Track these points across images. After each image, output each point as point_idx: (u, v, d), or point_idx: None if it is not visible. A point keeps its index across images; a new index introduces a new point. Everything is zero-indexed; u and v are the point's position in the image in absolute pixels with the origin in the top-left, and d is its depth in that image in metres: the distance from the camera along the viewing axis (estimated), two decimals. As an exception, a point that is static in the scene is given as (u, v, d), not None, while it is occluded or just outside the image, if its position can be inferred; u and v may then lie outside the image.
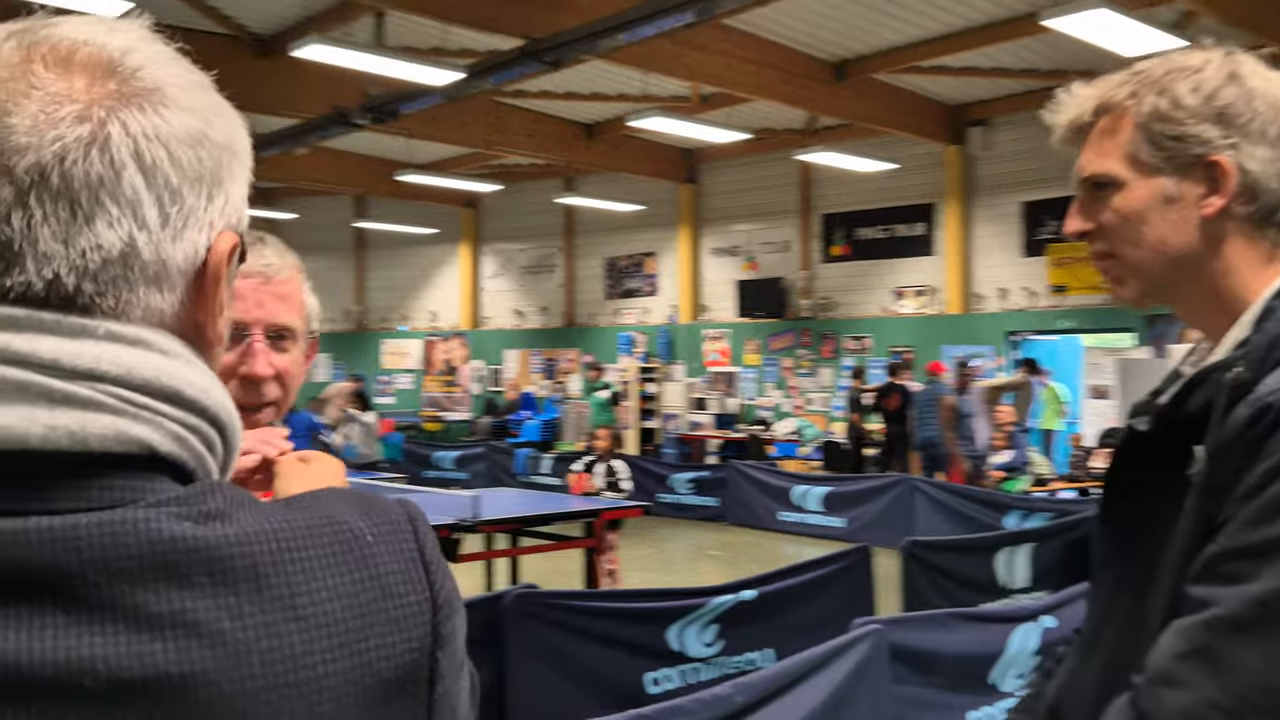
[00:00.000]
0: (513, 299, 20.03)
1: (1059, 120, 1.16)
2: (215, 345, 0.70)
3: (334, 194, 20.35)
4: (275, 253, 1.34)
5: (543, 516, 6.44)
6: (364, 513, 0.68)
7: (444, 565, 0.70)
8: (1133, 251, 1.11)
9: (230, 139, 0.70)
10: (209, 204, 0.67)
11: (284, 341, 1.32)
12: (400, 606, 0.65)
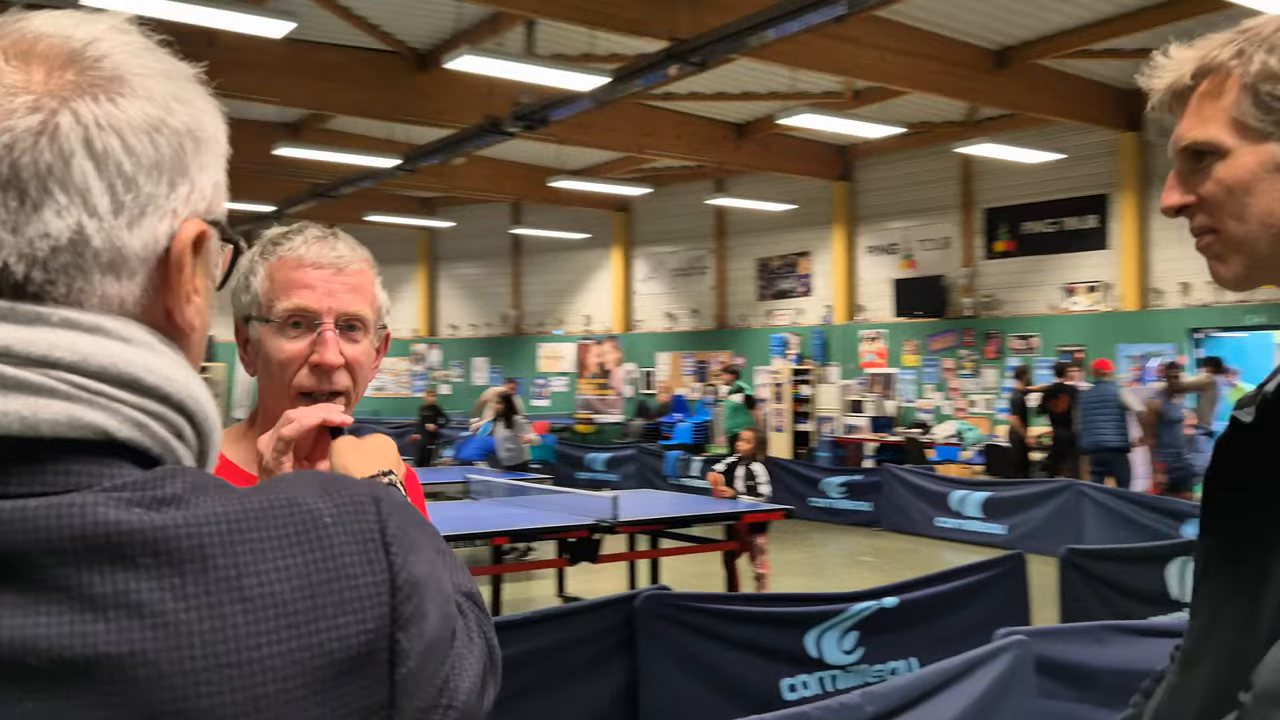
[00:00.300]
0: (664, 302, 20.08)
1: (1155, 85, 1.05)
2: (188, 332, 0.70)
3: (490, 202, 20.89)
4: (346, 246, 1.36)
5: (681, 519, 6.37)
6: (325, 494, 0.66)
7: (413, 546, 0.68)
8: (1237, 226, 0.99)
9: (195, 127, 0.69)
10: (171, 192, 0.67)
11: (355, 332, 1.34)
12: (354, 587, 0.63)
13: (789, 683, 4.18)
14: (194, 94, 0.71)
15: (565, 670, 3.92)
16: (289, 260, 1.34)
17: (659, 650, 3.95)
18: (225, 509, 0.61)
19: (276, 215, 17.59)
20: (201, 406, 0.68)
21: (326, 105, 13.65)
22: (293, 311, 1.31)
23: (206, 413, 0.68)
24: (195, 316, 0.70)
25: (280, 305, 1.32)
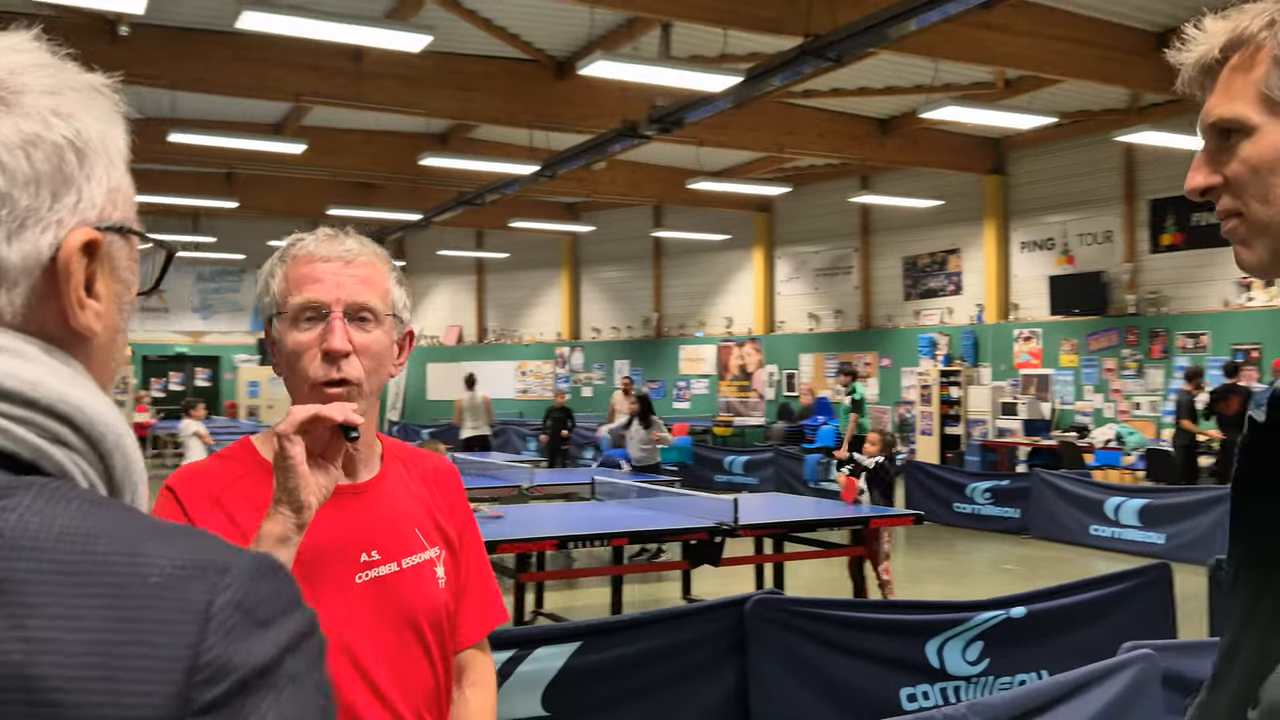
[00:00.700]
0: (807, 302, 19.80)
1: (1185, 60, 0.98)
2: (89, 336, 0.70)
3: (631, 205, 21.05)
4: (355, 242, 1.41)
5: (805, 522, 6.23)
6: (177, 549, 0.61)
7: (248, 633, 0.61)
8: (1262, 208, 0.92)
9: (78, 139, 0.69)
10: (54, 203, 0.67)
11: (365, 322, 1.38)
12: (148, 658, 0.57)
13: (909, 692, 4.02)
14: (80, 107, 0.70)
15: (678, 671, 3.89)
16: (301, 258, 1.40)
17: (769, 654, 3.87)
18: (48, 534, 0.58)
19: (424, 223, 18.19)
20: (81, 411, 0.66)
21: (469, 115, 14.03)
22: (304, 304, 1.37)
23: (90, 417, 0.67)
24: (94, 321, 0.70)
25: (293, 299, 1.38)
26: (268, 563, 0.66)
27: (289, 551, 1.23)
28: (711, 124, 13.45)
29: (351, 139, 16.01)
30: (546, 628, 3.97)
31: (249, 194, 18.60)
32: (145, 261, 0.83)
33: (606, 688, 3.76)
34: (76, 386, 0.68)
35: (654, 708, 3.78)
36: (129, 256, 0.75)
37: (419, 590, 1.42)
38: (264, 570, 0.65)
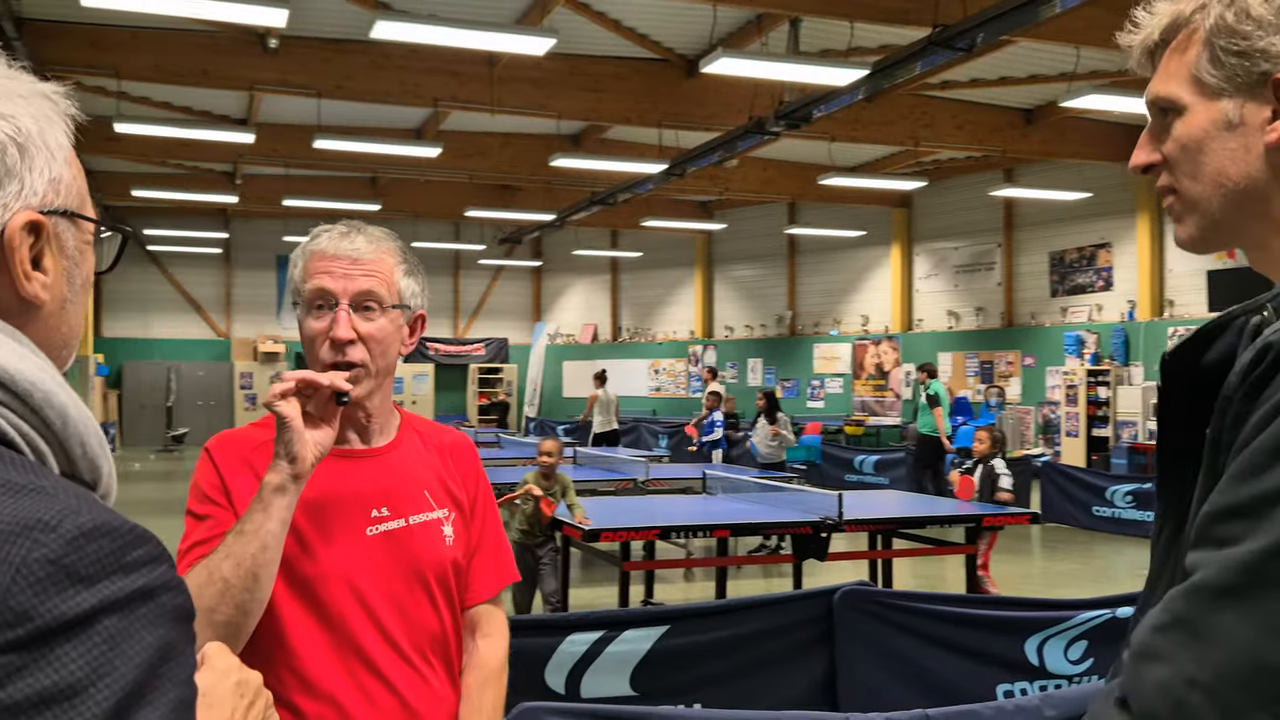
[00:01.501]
0: (947, 300, 19.29)
1: (1131, 42, 1.04)
2: (37, 304, 0.81)
3: (765, 203, 20.95)
4: (364, 239, 1.58)
5: (913, 519, 6.11)
6: (15, 508, 0.69)
7: (62, 586, 0.67)
8: (1191, 185, 0.99)
9: (19, 137, 0.80)
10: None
11: (370, 311, 1.54)
12: None
13: (1005, 689, 3.92)
14: (21, 109, 0.81)
15: (765, 657, 3.91)
16: (316, 253, 1.57)
17: (858, 645, 3.84)
18: None
19: (558, 224, 18.55)
20: (4, 370, 0.75)
21: (599, 116, 14.25)
22: (316, 293, 1.54)
23: (12, 375, 0.76)
24: (41, 290, 0.81)
25: (307, 289, 1.56)
26: (105, 524, 0.70)
27: (286, 500, 1.37)
28: (843, 119, 13.28)
29: (489, 142, 16.47)
30: (634, 611, 4.05)
31: (392, 197, 19.36)
32: (101, 247, 0.96)
33: (693, 671, 3.81)
34: (5, 349, 0.76)
35: (741, 692, 3.81)
36: (79, 239, 0.86)
37: (425, 545, 1.57)
38: (99, 533, 0.69)
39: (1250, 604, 0.79)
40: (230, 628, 1.35)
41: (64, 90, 0.86)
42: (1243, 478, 0.82)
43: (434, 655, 1.57)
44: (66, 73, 12.34)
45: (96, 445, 0.83)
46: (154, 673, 0.70)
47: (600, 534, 5.41)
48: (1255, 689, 0.77)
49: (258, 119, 14.48)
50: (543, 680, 3.77)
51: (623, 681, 3.83)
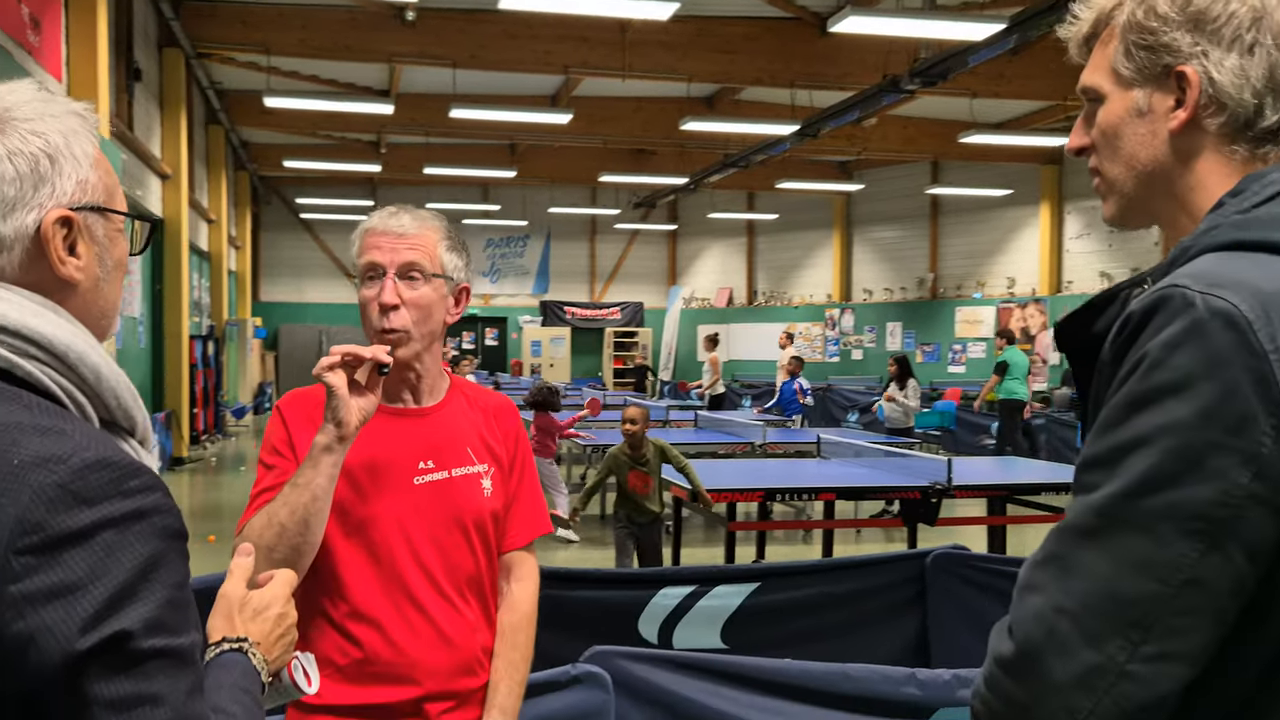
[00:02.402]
0: (1100, 260, 18.44)
1: (1069, 34, 1.14)
2: (73, 283, 1.01)
3: (906, 162, 20.42)
4: (409, 217, 1.76)
5: (1027, 485, 5.95)
6: (41, 445, 0.89)
7: (69, 505, 0.86)
8: (1110, 167, 1.09)
9: (50, 149, 1.00)
10: (34, 193, 0.98)
11: (414, 280, 1.71)
12: None
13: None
14: (51, 126, 1.00)
15: (856, 617, 3.94)
16: (369, 230, 1.76)
17: (950, 608, 3.82)
18: None
19: (691, 187, 18.56)
20: (42, 334, 0.95)
21: (730, 78, 14.16)
22: (367, 265, 1.72)
23: (50, 339, 0.95)
24: (75, 272, 1.01)
25: (361, 262, 1.74)
26: (104, 457, 0.90)
27: (333, 458, 1.57)
28: (985, 74, 12.81)
29: (622, 106, 16.59)
30: (725, 567, 4.13)
31: (528, 164, 19.74)
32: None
33: (783, 627, 3.87)
34: (44, 319, 0.96)
35: (831, 650, 3.84)
36: (108, 228, 1.05)
37: (465, 495, 1.75)
38: (97, 464, 0.89)
39: (1106, 542, 0.91)
40: (286, 565, 1.51)
41: (92, 107, 1.06)
42: (1101, 432, 0.93)
43: (470, 593, 1.75)
44: (220, 49, 13.06)
45: (129, 398, 1.03)
46: (144, 576, 0.89)
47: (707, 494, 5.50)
48: (1111, 617, 0.89)
49: (398, 90, 14.97)
50: (636, 630, 3.89)
51: (714, 634, 3.92)
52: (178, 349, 13.05)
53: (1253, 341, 0.88)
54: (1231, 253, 0.95)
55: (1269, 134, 1.01)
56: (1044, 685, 0.91)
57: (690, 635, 3.87)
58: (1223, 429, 0.88)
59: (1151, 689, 0.89)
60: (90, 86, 8.67)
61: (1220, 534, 0.88)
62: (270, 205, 23.89)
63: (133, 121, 11.30)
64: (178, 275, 13.11)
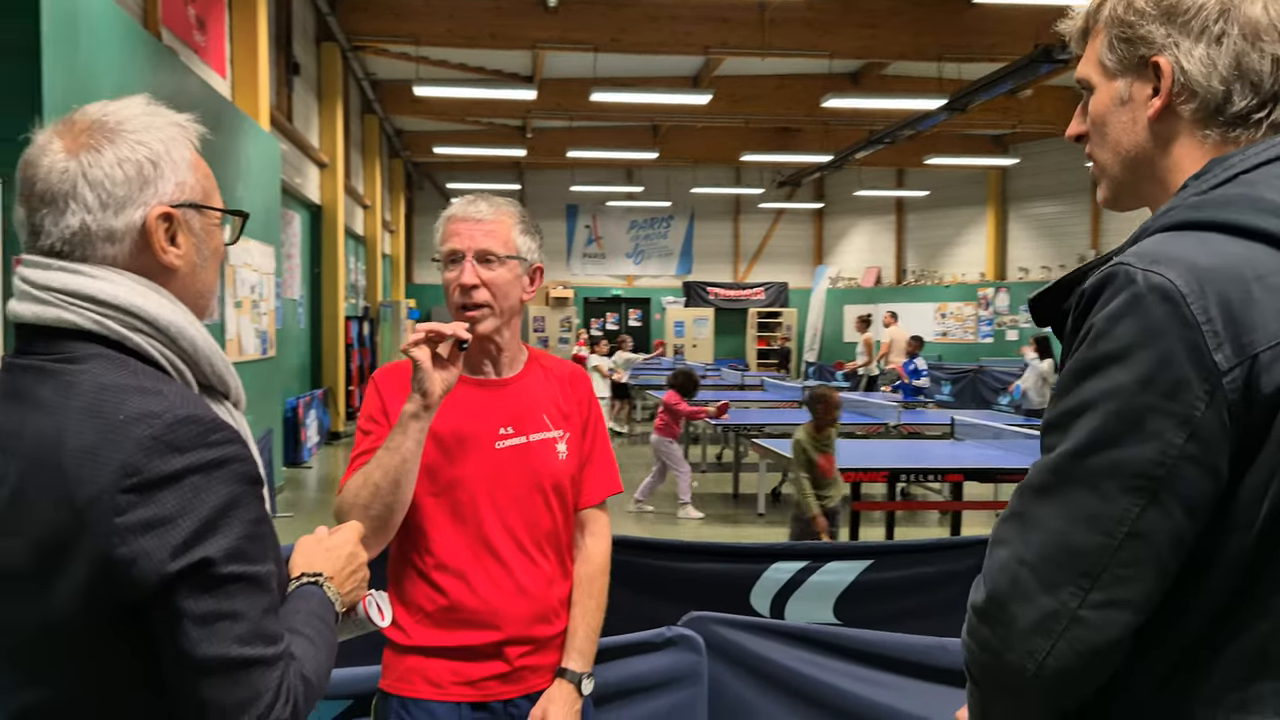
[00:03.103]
0: None
1: (1068, 29, 1.23)
2: (173, 270, 1.19)
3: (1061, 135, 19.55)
4: (486, 204, 1.92)
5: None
6: (142, 403, 1.08)
7: (164, 453, 1.05)
8: (1100, 153, 1.17)
9: (152, 155, 1.17)
10: (140, 193, 1.16)
11: (490, 263, 1.87)
12: (108, 456, 1.05)
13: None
14: (156, 135, 1.18)
15: (950, 600, 3.88)
16: (450, 218, 1.92)
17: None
18: (92, 384, 1.09)
19: (835, 164, 18.28)
20: (147, 311, 1.14)
21: (874, 53, 13.88)
22: (448, 251, 1.89)
23: (154, 315, 1.14)
24: (176, 260, 1.19)
25: (443, 249, 1.91)
26: (192, 414, 1.09)
27: (420, 425, 1.73)
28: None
29: (764, 85, 16.48)
30: (837, 544, 4.12)
31: (671, 145, 19.83)
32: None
33: (896, 604, 3.84)
34: (150, 300, 1.15)
35: (944, 627, 3.81)
36: (205, 222, 1.23)
37: (542, 458, 1.90)
38: (186, 419, 1.08)
39: (1058, 499, 1.00)
40: (380, 520, 1.73)
41: (192, 118, 1.24)
42: (1055, 399, 1.04)
43: (548, 548, 1.90)
44: (373, 41, 13.61)
45: (222, 367, 1.23)
46: (225, 513, 1.07)
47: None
48: (1065, 567, 0.99)
49: (542, 75, 15.29)
50: (748, 602, 3.94)
51: (826, 609, 3.93)
52: (334, 330, 13.74)
53: (1186, 314, 0.96)
54: (1182, 231, 1.03)
55: (1239, 118, 1.08)
56: (1010, 630, 1.01)
57: (802, 610, 3.89)
58: (1160, 394, 0.96)
59: (1101, 633, 0.98)
60: (252, 82, 9.21)
61: (1159, 490, 0.96)
62: (423, 190, 24.76)
63: (292, 114, 11.93)
64: (334, 259, 13.78)
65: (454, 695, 1.80)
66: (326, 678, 1.18)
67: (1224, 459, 0.97)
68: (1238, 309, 0.97)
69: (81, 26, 4.92)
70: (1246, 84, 1.07)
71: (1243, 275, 0.98)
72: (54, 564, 1.04)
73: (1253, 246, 1.00)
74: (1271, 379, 0.96)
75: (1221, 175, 1.06)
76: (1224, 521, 0.98)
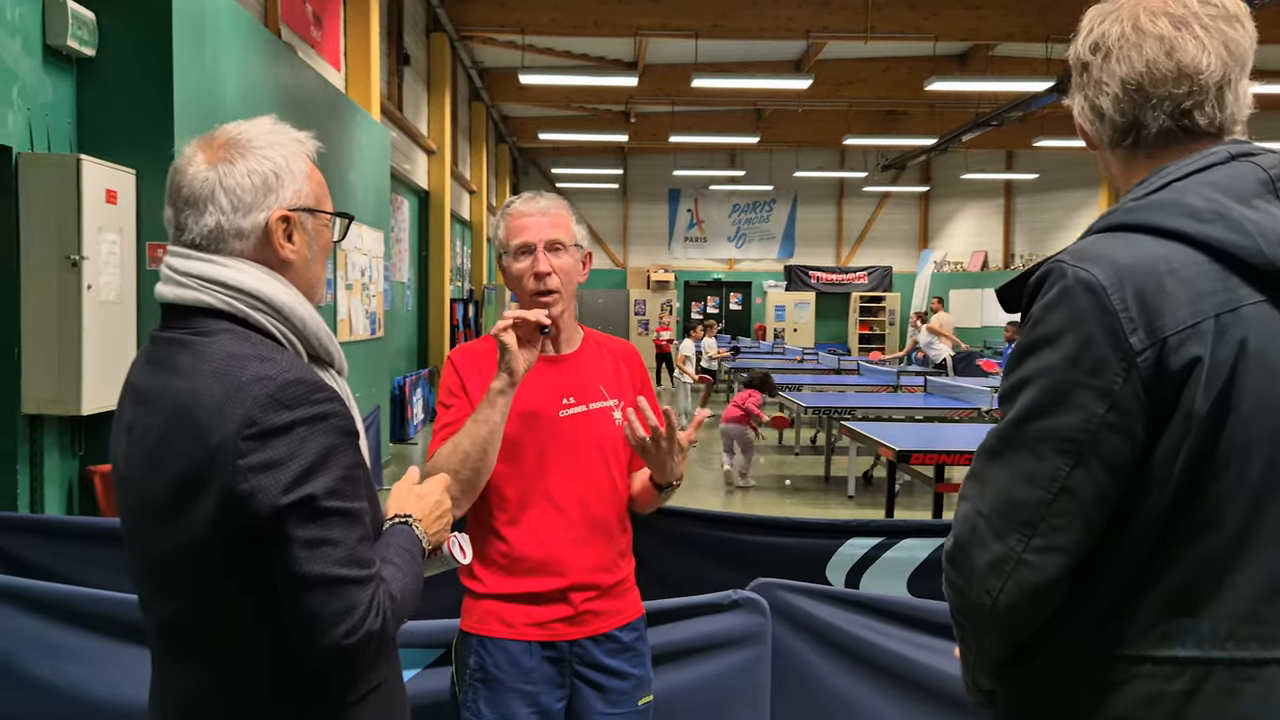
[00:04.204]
0: None
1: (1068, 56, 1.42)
2: (290, 262, 1.43)
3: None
4: (547, 200, 2.14)
5: None
6: (259, 369, 1.30)
7: (275, 408, 1.28)
8: (1096, 154, 1.38)
9: (277, 168, 1.41)
10: (264, 199, 1.40)
11: (558, 250, 2.09)
12: (232, 413, 1.29)
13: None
14: (278, 151, 1.42)
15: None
16: (513, 214, 2.13)
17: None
18: (221, 353, 1.33)
19: (940, 147, 18.01)
20: (266, 295, 1.38)
21: (979, 35, 13.66)
22: (520, 245, 2.09)
23: (272, 298, 1.38)
24: (292, 254, 1.43)
25: (513, 243, 2.10)
26: (300, 377, 1.31)
27: (505, 399, 1.96)
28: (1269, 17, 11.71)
29: (868, 68, 16.35)
30: (912, 521, 4.20)
31: (773, 129, 19.79)
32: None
33: (968, 583, 3.93)
34: (270, 285, 1.39)
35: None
36: (316, 223, 1.47)
37: (600, 425, 2.12)
38: (294, 381, 1.30)
39: (1005, 460, 1.20)
40: (468, 484, 1.96)
41: (310, 135, 1.48)
42: (1005, 375, 1.23)
43: (607, 503, 2.11)
44: (480, 31, 13.98)
45: (327, 341, 1.47)
46: (325, 459, 1.30)
47: (911, 455, 5.55)
48: (1010, 517, 1.18)
49: (645, 61, 15.46)
50: (824, 575, 4.09)
51: (900, 584, 4.04)
52: (440, 311, 14.20)
53: (1106, 303, 1.14)
54: (1114, 233, 1.21)
55: (1160, 138, 1.27)
56: (971, 571, 1.20)
57: (877, 584, 4.01)
58: (1084, 371, 1.14)
59: (1041, 573, 1.17)
60: (364, 75, 9.62)
61: (1084, 453, 1.14)
62: (528, 175, 25.23)
63: (402, 103, 12.37)
64: (441, 243, 14.24)
65: (525, 635, 2.01)
66: (412, 599, 1.39)
67: (1140, 426, 1.14)
68: (1151, 299, 1.14)
69: (207, 27, 5.29)
70: (1145, 114, 1.29)
71: (1157, 270, 1.15)
72: (190, 497, 1.28)
73: (1170, 245, 1.17)
74: (1179, 358, 1.13)
75: (1155, 184, 1.24)
76: (1143, 481, 1.15)
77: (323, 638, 1.25)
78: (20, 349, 4.42)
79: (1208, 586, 1.15)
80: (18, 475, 4.47)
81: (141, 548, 1.36)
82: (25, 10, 4.37)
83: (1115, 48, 1.27)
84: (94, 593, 2.87)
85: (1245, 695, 1.16)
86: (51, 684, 2.83)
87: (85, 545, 3.78)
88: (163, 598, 1.36)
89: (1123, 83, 1.26)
